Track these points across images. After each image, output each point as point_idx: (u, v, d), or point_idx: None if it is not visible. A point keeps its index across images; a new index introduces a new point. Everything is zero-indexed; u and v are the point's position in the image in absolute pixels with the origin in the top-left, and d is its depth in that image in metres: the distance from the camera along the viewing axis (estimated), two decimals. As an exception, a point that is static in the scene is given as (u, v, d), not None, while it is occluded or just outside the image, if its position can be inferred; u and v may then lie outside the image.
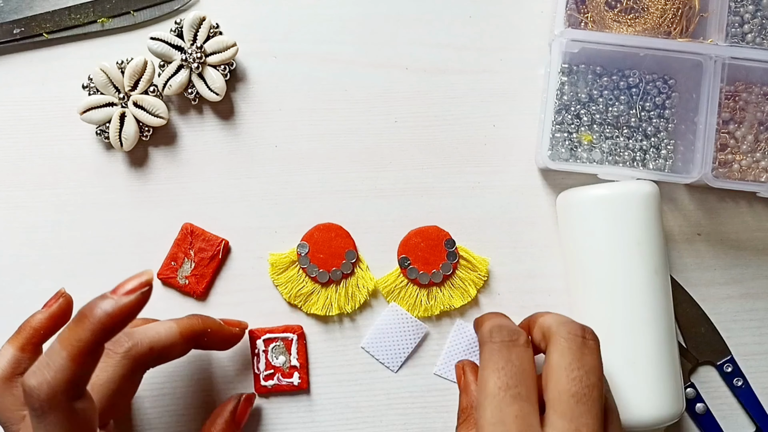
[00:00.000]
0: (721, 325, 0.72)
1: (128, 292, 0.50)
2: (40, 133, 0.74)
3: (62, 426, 0.49)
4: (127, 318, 0.50)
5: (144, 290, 0.50)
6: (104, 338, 0.49)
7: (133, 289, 0.50)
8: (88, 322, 0.49)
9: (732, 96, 0.72)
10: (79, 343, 0.48)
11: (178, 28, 0.71)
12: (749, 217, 0.74)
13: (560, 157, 0.71)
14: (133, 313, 0.50)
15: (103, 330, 0.49)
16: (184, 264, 0.72)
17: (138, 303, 0.50)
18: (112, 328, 0.49)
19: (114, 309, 0.49)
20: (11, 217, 0.73)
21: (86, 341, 0.48)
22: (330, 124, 0.74)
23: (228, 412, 0.67)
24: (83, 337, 0.48)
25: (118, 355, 0.58)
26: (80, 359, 0.48)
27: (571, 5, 0.72)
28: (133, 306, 0.49)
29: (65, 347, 0.48)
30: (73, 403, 0.49)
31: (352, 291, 0.72)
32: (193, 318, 0.65)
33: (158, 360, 0.61)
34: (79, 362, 0.48)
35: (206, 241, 0.72)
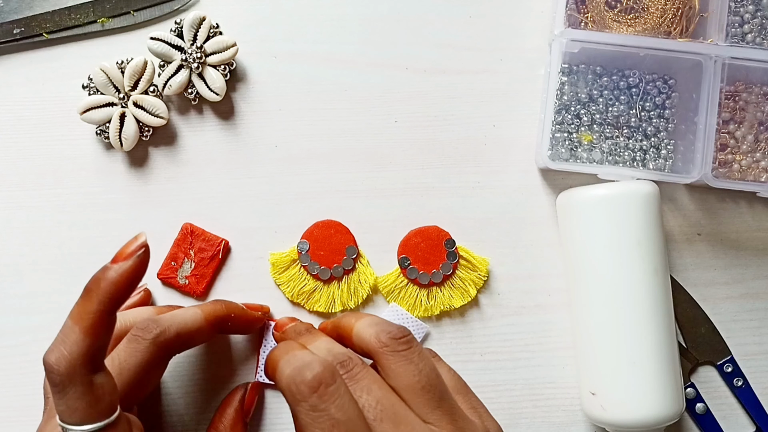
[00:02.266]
0: (721, 325, 0.72)
1: (126, 257, 0.51)
2: (40, 133, 0.74)
3: (83, 399, 0.50)
4: (132, 283, 0.51)
5: (140, 252, 0.51)
6: (113, 307, 0.51)
7: (131, 253, 0.51)
8: (94, 294, 0.50)
9: (732, 96, 0.72)
10: (90, 316, 0.50)
11: (178, 28, 0.71)
12: (749, 217, 0.74)
13: (560, 157, 0.71)
14: (137, 277, 0.51)
15: (110, 299, 0.50)
16: (184, 264, 0.72)
17: (138, 266, 0.51)
18: (119, 296, 0.51)
19: (117, 276, 0.50)
20: (11, 217, 0.73)
21: (97, 313, 0.50)
22: (330, 124, 0.74)
23: (237, 402, 0.68)
24: (93, 309, 0.50)
25: (146, 341, 0.58)
26: (93, 331, 0.50)
27: (571, 5, 0.72)
28: (134, 270, 0.51)
29: (77, 322, 0.50)
30: (92, 377, 0.50)
31: (354, 286, 0.72)
32: (217, 304, 0.66)
33: (184, 346, 0.62)
34: (93, 334, 0.50)
35: (206, 241, 0.72)
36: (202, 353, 0.72)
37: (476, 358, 0.72)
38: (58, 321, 0.70)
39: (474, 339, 0.72)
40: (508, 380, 0.72)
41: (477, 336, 0.72)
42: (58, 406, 0.50)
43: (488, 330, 0.73)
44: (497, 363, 0.72)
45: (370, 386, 0.53)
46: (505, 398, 0.72)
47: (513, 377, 0.72)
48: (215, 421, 0.67)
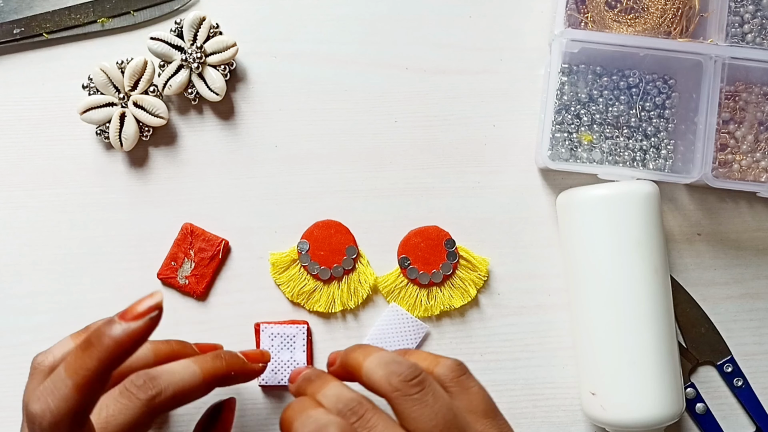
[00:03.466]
0: (721, 325, 0.72)
1: (137, 316, 0.47)
2: (40, 133, 0.74)
3: None
4: (136, 344, 0.47)
5: (153, 315, 0.47)
6: (112, 367, 0.47)
7: (143, 312, 0.47)
8: (95, 350, 0.47)
9: (732, 96, 0.72)
10: (85, 372, 0.47)
11: (178, 28, 0.71)
12: (749, 217, 0.74)
13: (560, 157, 0.71)
14: (143, 339, 0.47)
15: (110, 358, 0.47)
16: (184, 264, 0.72)
17: (147, 328, 0.47)
18: (120, 356, 0.47)
19: (122, 335, 0.47)
20: (11, 217, 0.73)
21: (93, 370, 0.47)
22: (330, 124, 0.74)
23: (215, 417, 0.66)
24: (90, 366, 0.47)
25: (140, 401, 0.54)
26: (86, 389, 0.47)
27: (571, 5, 0.72)
28: (143, 331, 0.47)
29: (71, 376, 0.47)
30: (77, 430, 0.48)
31: (354, 286, 0.72)
32: (218, 361, 0.60)
33: (177, 406, 0.57)
34: (85, 392, 0.47)
35: (206, 241, 0.72)
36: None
37: (476, 358, 0.72)
38: (58, 321, 0.71)
39: (474, 339, 0.72)
40: (508, 380, 0.72)
41: (477, 336, 0.72)
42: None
43: (488, 330, 0.73)
44: (497, 363, 0.72)
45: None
46: (505, 398, 0.72)
47: (513, 377, 0.72)
48: None
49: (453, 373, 0.56)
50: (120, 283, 0.73)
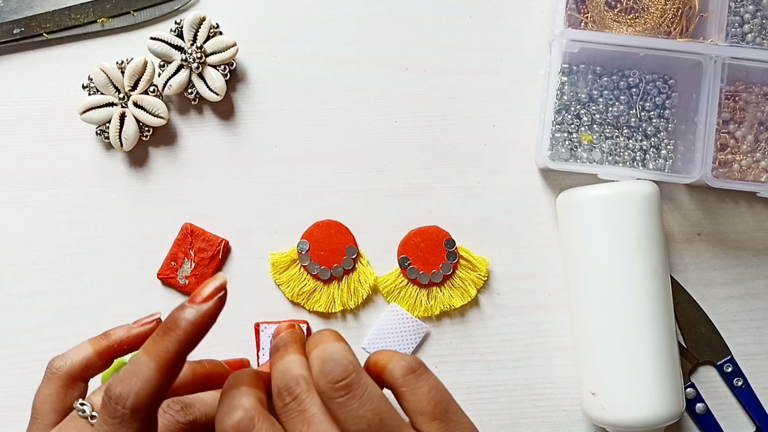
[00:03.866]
0: (721, 325, 0.72)
1: (206, 299, 0.49)
2: (40, 133, 0.74)
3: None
4: (209, 324, 0.50)
5: (221, 295, 0.50)
6: (189, 348, 0.49)
7: (210, 294, 0.50)
8: (174, 333, 0.49)
9: (732, 96, 0.72)
10: (167, 354, 0.48)
11: (178, 28, 0.71)
12: (749, 217, 0.74)
13: (560, 157, 0.71)
14: (214, 319, 0.50)
15: (188, 340, 0.49)
16: (184, 264, 0.72)
17: (217, 308, 0.50)
18: (196, 337, 0.49)
19: (197, 317, 0.49)
20: (11, 217, 0.73)
21: (174, 352, 0.49)
22: (330, 124, 0.74)
23: None
24: (171, 348, 0.48)
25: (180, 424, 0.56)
26: (167, 370, 0.48)
27: (571, 5, 0.72)
28: (213, 312, 0.50)
29: (153, 358, 0.48)
30: (150, 418, 0.49)
31: (354, 286, 0.72)
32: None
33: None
34: (166, 373, 0.48)
35: (206, 241, 0.72)
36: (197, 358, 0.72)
37: (476, 358, 0.72)
38: (58, 321, 0.71)
39: (474, 339, 0.72)
40: (508, 380, 0.72)
41: (477, 336, 0.72)
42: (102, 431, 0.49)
43: (488, 330, 0.73)
44: (497, 363, 0.72)
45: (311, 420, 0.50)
46: (505, 398, 0.72)
47: (513, 377, 0.72)
48: None
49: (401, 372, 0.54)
50: (120, 283, 0.73)
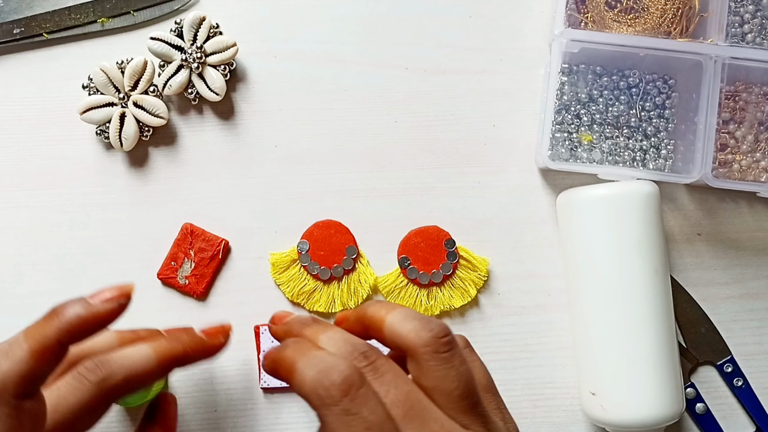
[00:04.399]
0: (721, 325, 0.72)
1: (105, 301, 0.49)
2: (40, 133, 0.74)
3: (5, 422, 0.47)
4: (98, 325, 0.49)
5: (121, 302, 0.49)
6: (69, 340, 0.48)
7: (111, 298, 0.49)
8: (57, 320, 0.48)
9: (732, 96, 0.72)
10: (43, 339, 0.48)
11: (178, 28, 0.71)
12: (749, 217, 0.74)
13: (560, 157, 0.71)
14: (105, 322, 0.49)
15: (69, 331, 0.48)
16: (184, 264, 0.72)
17: (111, 313, 0.49)
18: (80, 332, 0.49)
19: (86, 313, 0.48)
20: (11, 217, 0.73)
21: (51, 339, 0.48)
22: (330, 124, 0.74)
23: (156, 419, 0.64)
24: (49, 335, 0.48)
25: (90, 384, 0.53)
26: (41, 356, 0.47)
27: (571, 5, 0.72)
28: (106, 315, 0.49)
29: (28, 340, 0.48)
30: (22, 402, 0.48)
31: (354, 286, 0.72)
32: (173, 342, 0.58)
33: (131, 390, 0.55)
34: (39, 359, 0.47)
35: (206, 241, 0.72)
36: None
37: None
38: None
39: (474, 339, 0.72)
40: (508, 380, 0.72)
41: (477, 336, 0.72)
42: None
43: (488, 330, 0.73)
44: (497, 363, 0.72)
45: (396, 381, 0.49)
46: (505, 398, 0.70)
47: (513, 377, 0.72)
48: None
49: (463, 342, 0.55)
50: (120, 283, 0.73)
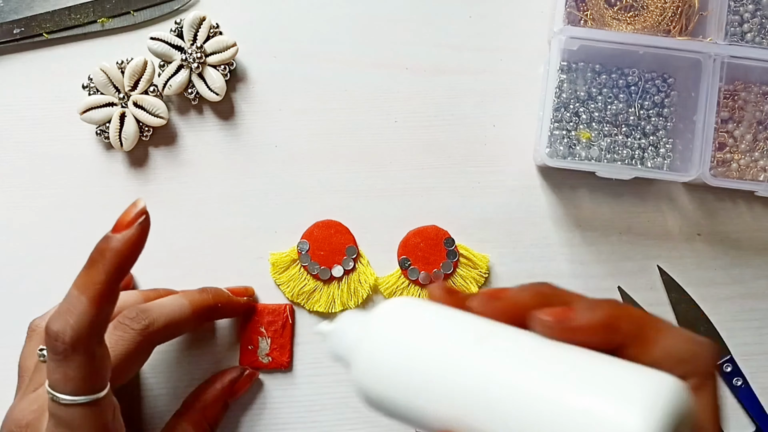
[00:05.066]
0: (721, 325, 0.72)
1: (127, 225, 0.51)
2: (40, 133, 0.74)
3: (81, 369, 0.50)
4: (136, 251, 0.51)
5: (141, 220, 0.51)
6: (119, 277, 0.51)
7: (132, 220, 0.51)
8: (100, 264, 0.50)
9: (731, 95, 0.72)
10: (96, 285, 0.50)
11: (178, 28, 0.71)
12: (748, 216, 0.74)
13: (559, 155, 0.71)
14: (140, 245, 0.51)
15: (116, 269, 0.50)
16: (261, 343, 0.71)
17: (140, 234, 0.51)
18: (125, 266, 0.51)
19: (121, 245, 0.50)
20: (11, 217, 0.73)
21: (103, 282, 0.50)
22: (330, 124, 0.74)
23: (227, 381, 0.69)
24: (99, 279, 0.50)
25: (134, 331, 0.59)
26: (99, 301, 0.50)
27: (570, 3, 0.72)
28: (137, 237, 0.51)
29: (83, 292, 0.50)
30: (95, 348, 0.51)
31: (354, 287, 0.72)
32: (204, 293, 0.66)
33: (170, 336, 0.64)
34: (99, 304, 0.50)
35: (272, 313, 0.71)
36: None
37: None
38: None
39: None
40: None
41: (477, 336, 0.72)
42: (53, 374, 0.50)
43: (488, 330, 0.72)
44: (497, 363, 0.72)
45: None
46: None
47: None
48: (198, 392, 0.68)
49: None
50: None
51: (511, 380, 0.40)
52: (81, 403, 0.51)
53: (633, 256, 0.73)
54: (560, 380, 0.39)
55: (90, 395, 0.51)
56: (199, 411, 0.67)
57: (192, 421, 0.66)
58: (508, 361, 0.40)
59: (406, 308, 0.46)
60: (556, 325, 0.41)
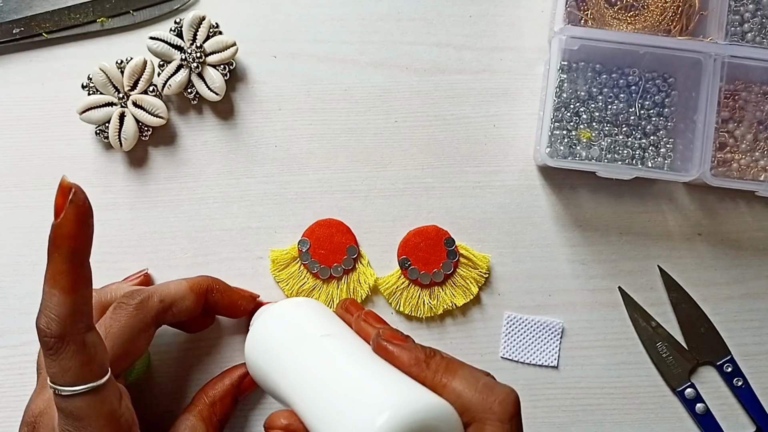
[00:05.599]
0: (721, 325, 0.72)
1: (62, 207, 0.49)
2: (40, 133, 0.74)
3: (75, 358, 0.50)
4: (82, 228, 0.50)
5: (71, 196, 0.49)
6: (81, 259, 0.50)
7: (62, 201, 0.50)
8: (56, 252, 0.49)
9: (731, 95, 0.72)
10: (62, 275, 0.49)
11: (177, 28, 0.71)
12: (749, 216, 0.74)
13: (559, 155, 0.71)
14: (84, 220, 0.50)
15: (72, 252, 0.49)
16: None
17: (77, 209, 0.49)
18: (81, 246, 0.50)
19: (66, 228, 0.49)
20: (11, 217, 0.73)
21: (67, 270, 0.49)
22: (330, 124, 0.74)
23: (236, 377, 0.69)
24: (63, 269, 0.49)
25: (130, 307, 0.60)
26: (72, 288, 0.50)
27: (571, 2, 0.72)
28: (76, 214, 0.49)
29: (53, 285, 0.50)
30: (84, 335, 0.51)
31: (353, 287, 0.72)
32: (203, 276, 0.68)
33: (170, 314, 0.63)
34: (73, 291, 0.50)
35: None
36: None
37: (476, 358, 0.72)
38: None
39: (474, 339, 0.72)
40: (508, 380, 0.71)
41: (477, 336, 0.72)
42: (50, 368, 0.51)
43: (488, 330, 0.72)
44: (498, 363, 0.72)
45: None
46: (506, 398, 0.72)
47: (513, 377, 0.72)
48: (207, 387, 0.68)
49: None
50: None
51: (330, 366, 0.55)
52: (83, 392, 0.51)
53: (633, 256, 0.73)
54: (357, 378, 0.53)
55: (90, 383, 0.51)
56: (208, 406, 0.67)
57: (201, 416, 0.66)
58: (335, 354, 0.57)
59: (290, 307, 0.64)
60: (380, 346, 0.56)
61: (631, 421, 0.72)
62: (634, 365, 0.72)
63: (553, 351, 0.72)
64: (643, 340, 0.72)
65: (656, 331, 0.72)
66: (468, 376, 0.53)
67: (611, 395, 0.72)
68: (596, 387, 0.72)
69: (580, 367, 0.72)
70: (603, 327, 0.72)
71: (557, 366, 0.72)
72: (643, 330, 0.72)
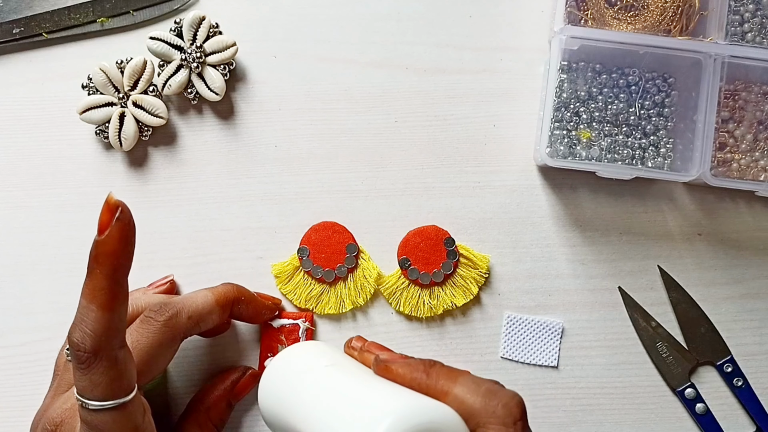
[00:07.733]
0: (721, 325, 0.72)
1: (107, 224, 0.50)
2: (40, 133, 0.74)
3: (106, 374, 0.51)
4: (126, 246, 0.50)
5: (118, 214, 0.50)
6: (121, 277, 0.51)
7: (108, 218, 0.50)
8: (97, 269, 0.50)
9: (731, 95, 0.72)
10: (102, 292, 0.50)
11: (177, 28, 0.71)
12: (749, 216, 0.74)
13: (559, 155, 0.71)
14: (127, 238, 0.50)
15: (114, 269, 0.50)
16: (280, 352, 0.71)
17: (122, 227, 0.50)
18: (122, 264, 0.51)
19: (109, 246, 0.50)
20: (11, 217, 0.73)
21: (107, 287, 0.50)
22: (330, 124, 0.74)
23: (229, 381, 0.69)
24: (103, 285, 0.50)
25: (158, 323, 0.60)
26: (110, 306, 0.50)
27: (571, 2, 0.72)
28: (121, 232, 0.50)
29: (91, 300, 0.50)
30: (117, 352, 0.51)
31: (360, 283, 0.72)
32: (228, 286, 0.67)
33: (196, 328, 0.64)
34: (110, 309, 0.50)
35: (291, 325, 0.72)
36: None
37: (476, 358, 0.72)
38: (58, 321, 0.71)
39: (474, 339, 0.72)
40: (508, 381, 0.72)
41: (477, 336, 0.72)
42: (80, 381, 0.51)
43: (488, 330, 0.72)
44: (498, 363, 0.72)
45: None
46: (506, 398, 0.72)
47: (513, 377, 0.72)
48: (201, 393, 0.69)
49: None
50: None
51: (335, 389, 0.55)
52: (110, 408, 0.52)
53: (633, 256, 0.73)
54: (361, 394, 0.53)
55: (118, 399, 0.52)
56: (203, 412, 0.67)
57: (197, 422, 0.67)
58: (339, 378, 0.57)
59: (295, 347, 0.64)
60: (381, 366, 0.56)
61: (631, 421, 0.72)
62: (634, 365, 0.72)
63: (553, 351, 0.72)
64: (643, 340, 0.72)
65: (656, 331, 0.72)
66: (470, 382, 0.53)
67: (611, 395, 0.72)
68: (596, 387, 0.72)
69: (580, 367, 0.72)
70: (603, 327, 0.72)
71: (557, 366, 0.72)
72: (643, 330, 0.72)
